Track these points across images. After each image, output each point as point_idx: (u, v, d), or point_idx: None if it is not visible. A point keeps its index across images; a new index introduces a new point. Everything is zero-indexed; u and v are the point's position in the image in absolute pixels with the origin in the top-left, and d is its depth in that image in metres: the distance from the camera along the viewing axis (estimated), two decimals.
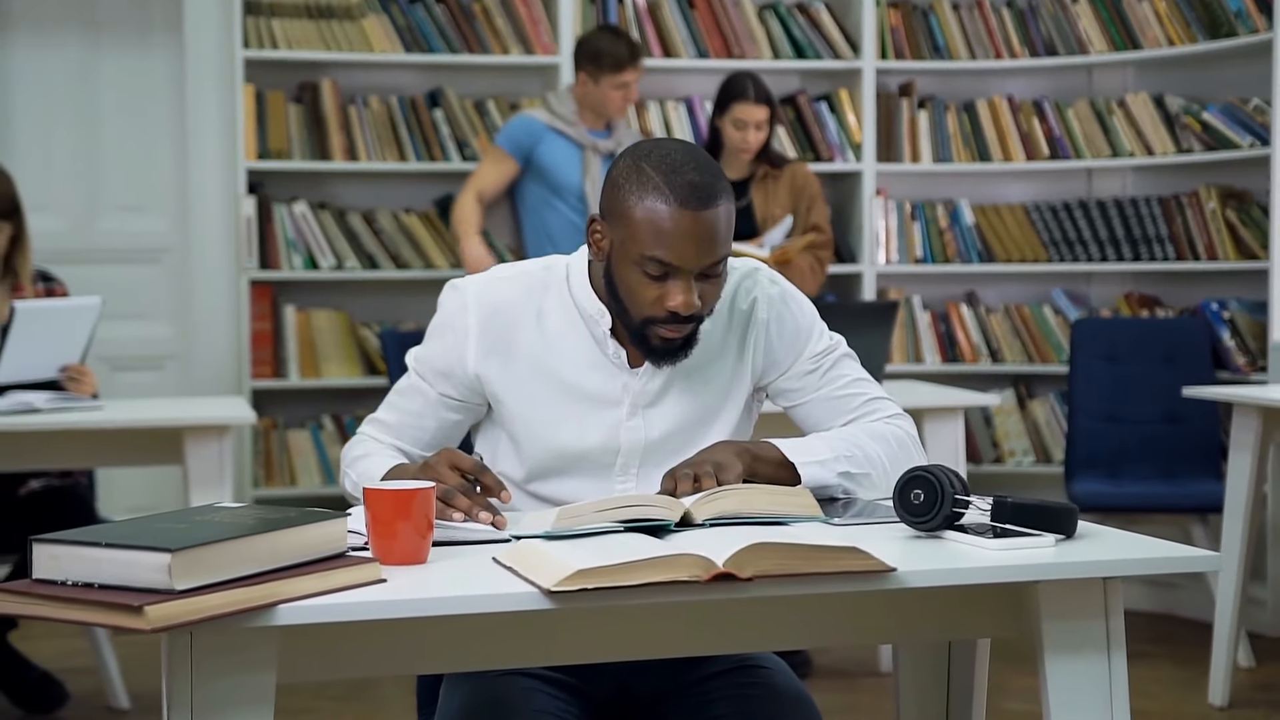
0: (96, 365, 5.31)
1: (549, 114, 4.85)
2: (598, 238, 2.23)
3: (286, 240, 5.20)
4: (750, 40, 5.50)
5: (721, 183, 2.16)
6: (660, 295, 2.16)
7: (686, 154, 2.16)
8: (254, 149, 5.15)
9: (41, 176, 5.33)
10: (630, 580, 1.69)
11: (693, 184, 2.12)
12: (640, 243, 2.14)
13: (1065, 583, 1.90)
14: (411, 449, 2.34)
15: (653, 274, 2.15)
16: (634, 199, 2.14)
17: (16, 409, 3.87)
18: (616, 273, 2.20)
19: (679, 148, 2.17)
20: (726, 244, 2.16)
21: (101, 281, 5.32)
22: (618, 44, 4.78)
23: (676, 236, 2.12)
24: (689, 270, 2.14)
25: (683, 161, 2.14)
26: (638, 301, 2.18)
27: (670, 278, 2.15)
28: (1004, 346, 5.68)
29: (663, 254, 2.13)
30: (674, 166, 2.13)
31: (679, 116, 5.50)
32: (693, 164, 2.14)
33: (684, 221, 2.12)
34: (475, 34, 5.29)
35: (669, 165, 2.13)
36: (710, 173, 2.15)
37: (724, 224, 2.15)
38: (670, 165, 2.13)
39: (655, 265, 2.14)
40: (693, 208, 2.12)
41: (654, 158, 2.15)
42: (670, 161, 2.14)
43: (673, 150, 2.16)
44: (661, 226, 2.12)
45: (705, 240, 2.13)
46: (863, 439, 2.30)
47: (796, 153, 5.53)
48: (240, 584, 1.59)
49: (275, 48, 5.16)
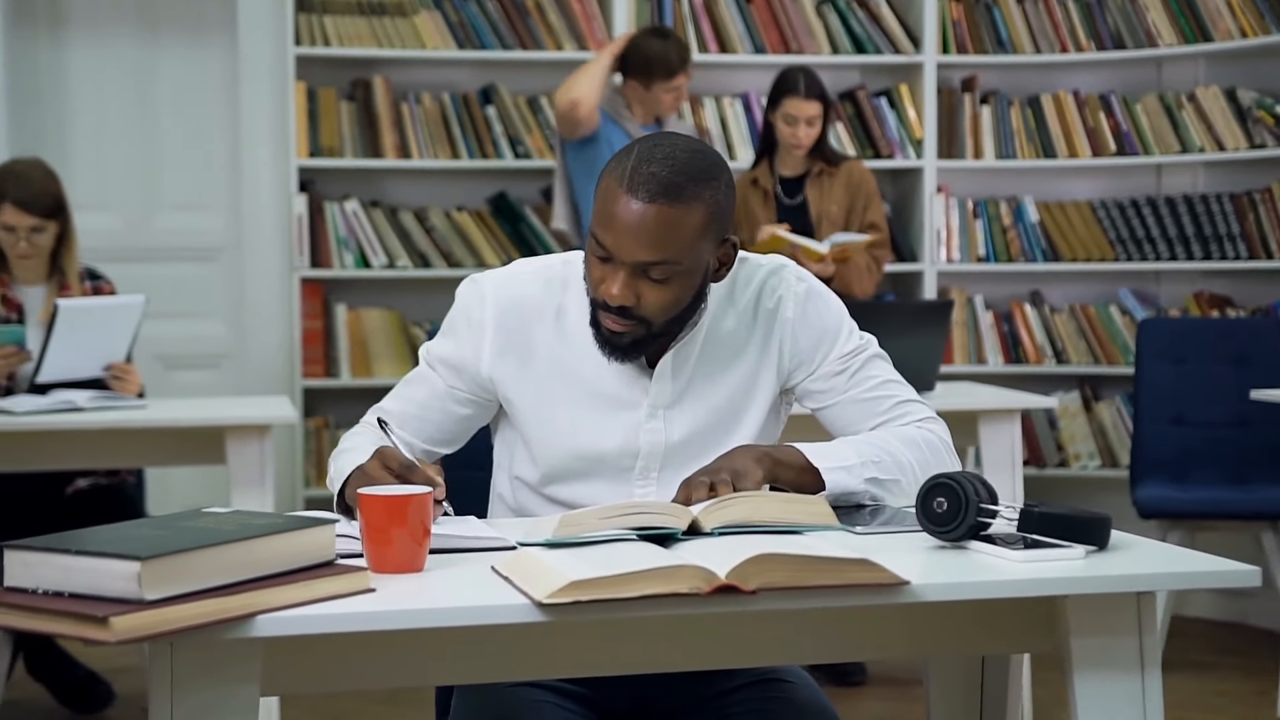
0: (151, 364, 5.32)
1: (610, 104, 4.78)
2: None
3: (338, 238, 5.17)
4: (808, 35, 5.41)
5: (696, 189, 2.06)
6: (600, 278, 2.10)
7: (679, 150, 2.08)
8: (305, 147, 5.12)
9: (98, 175, 5.34)
10: (626, 592, 1.61)
11: (654, 175, 2.04)
12: (595, 218, 2.10)
13: (1095, 597, 1.81)
14: (414, 440, 2.27)
15: (599, 255, 2.09)
16: (604, 177, 2.09)
17: (59, 407, 3.85)
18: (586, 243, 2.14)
19: (678, 144, 2.09)
20: (675, 247, 2.05)
21: (157, 280, 5.32)
22: (667, 50, 4.70)
23: (616, 221, 2.06)
24: (623, 260, 2.06)
25: (666, 154, 2.06)
26: (589, 278, 2.13)
27: (610, 264, 2.08)
28: (1069, 347, 5.55)
29: (600, 233, 2.08)
30: (653, 156, 2.06)
31: (735, 113, 5.41)
32: (675, 160, 2.06)
33: (626, 209, 2.05)
34: (528, 30, 5.23)
35: (650, 154, 2.06)
36: (687, 175, 2.05)
37: (674, 225, 2.05)
38: (650, 155, 2.06)
39: (598, 245, 2.08)
40: (640, 197, 2.04)
41: (648, 143, 2.09)
42: (656, 151, 2.07)
43: (668, 144, 2.09)
44: (608, 208, 2.07)
45: (641, 233, 2.05)
46: (892, 443, 2.21)
47: (855, 150, 5.42)
48: (216, 594, 1.53)
49: (327, 45, 5.12)
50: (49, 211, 4.11)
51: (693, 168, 2.07)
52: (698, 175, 2.07)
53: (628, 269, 2.06)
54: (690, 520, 1.85)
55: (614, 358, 2.16)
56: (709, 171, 2.09)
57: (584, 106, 4.60)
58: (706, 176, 2.08)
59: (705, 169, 2.09)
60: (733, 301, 2.25)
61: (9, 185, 4.09)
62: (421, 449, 2.27)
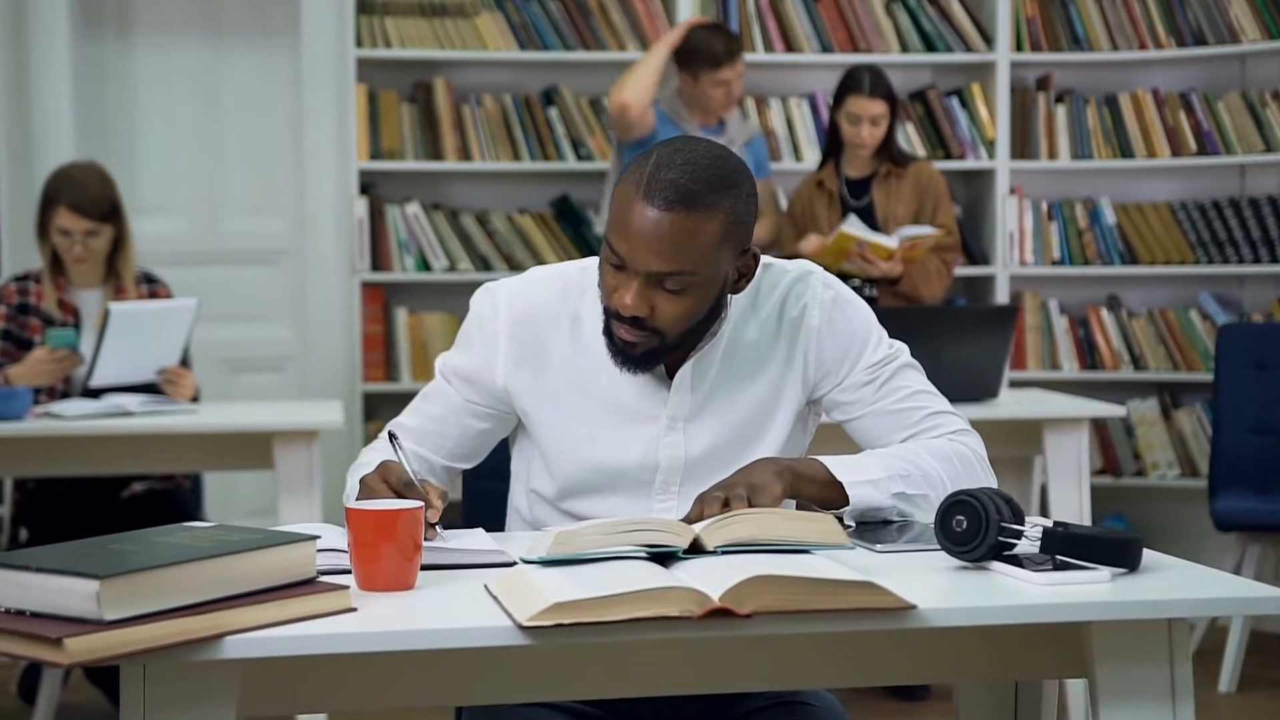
0: (216, 367, 5.32)
1: (665, 107, 4.70)
2: None
3: (399, 242, 5.13)
4: (877, 33, 5.30)
5: (715, 196, 1.98)
6: (614, 287, 2.03)
7: (699, 156, 2.00)
8: (366, 149, 5.09)
9: (164, 179, 5.35)
10: (612, 616, 1.53)
11: (672, 182, 1.96)
12: (610, 224, 2.02)
13: (1123, 624, 1.71)
14: (433, 456, 2.21)
15: (612, 263, 2.02)
16: (621, 183, 2.02)
17: (109, 412, 3.84)
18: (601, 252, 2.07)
19: (699, 150, 2.01)
20: (691, 258, 1.98)
21: (222, 283, 5.32)
22: (713, 41, 4.61)
23: (631, 229, 1.98)
24: (637, 270, 1.99)
25: (685, 160, 1.98)
26: (603, 287, 2.06)
27: (624, 272, 2.01)
28: (1147, 353, 5.39)
29: (614, 240, 2.01)
30: (671, 162, 1.98)
31: (801, 113, 5.31)
32: (693, 166, 1.98)
33: (642, 216, 1.97)
34: (591, 30, 5.16)
35: (669, 160, 1.99)
36: (706, 182, 1.98)
37: (690, 234, 1.97)
38: (669, 160, 1.99)
39: (612, 253, 2.01)
40: (655, 205, 1.96)
41: (668, 149, 2.01)
42: (675, 158, 1.99)
43: (688, 150, 2.01)
44: (622, 215, 1.99)
45: (655, 242, 1.97)
46: (922, 457, 2.12)
47: (926, 150, 5.30)
48: (182, 613, 1.47)
49: (389, 46, 5.09)
50: (104, 215, 4.10)
51: (712, 175, 1.99)
52: (717, 183, 1.99)
53: (642, 278, 1.99)
54: (692, 538, 1.77)
55: (627, 368, 2.09)
56: (729, 179, 2.01)
57: (633, 109, 4.52)
58: (726, 185, 2.00)
59: (725, 177, 2.01)
60: (756, 310, 2.16)
61: (64, 189, 4.10)
62: (441, 465, 2.21)
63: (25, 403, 3.78)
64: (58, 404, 3.88)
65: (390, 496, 1.91)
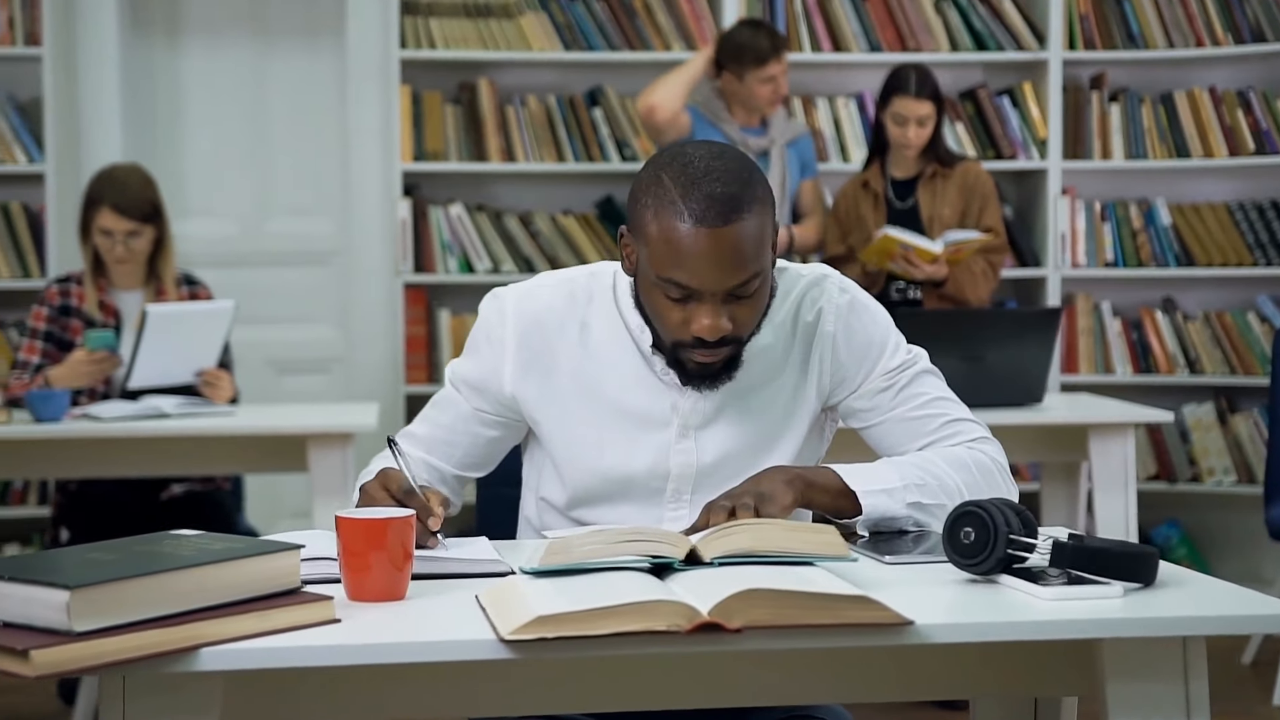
0: (263, 368, 5.33)
1: (703, 109, 4.65)
2: (628, 251, 2.04)
3: (442, 243, 5.12)
4: (926, 32, 5.22)
5: (751, 190, 1.94)
6: (685, 319, 1.97)
7: (711, 159, 1.95)
8: (410, 150, 5.07)
9: (212, 180, 5.36)
10: (597, 629, 1.49)
11: (711, 197, 1.91)
12: (659, 263, 1.95)
13: (1134, 641, 1.65)
14: (443, 465, 2.18)
15: (674, 297, 1.96)
16: (650, 214, 1.95)
17: (146, 413, 3.84)
18: (643, 292, 2.02)
19: (703, 153, 1.96)
20: (757, 258, 1.94)
21: (269, 285, 5.33)
22: (758, 37, 4.55)
23: (695, 258, 1.92)
24: (712, 292, 1.94)
25: (704, 170, 1.93)
26: (664, 325, 1.99)
27: (694, 300, 1.95)
28: (1203, 356, 5.28)
29: (682, 277, 1.93)
30: (694, 177, 1.93)
31: (849, 113, 5.25)
32: (716, 172, 1.93)
33: (702, 241, 1.91)
34: (636, 31, 5.13)
35: (688, 176, 1.93)
36: (737, 180, 1.93)
37: (751, 237, 1.93)
38: (690, 176, 1.93)
39: (675, 288, 1.95)
40: (710, 224, 1.91)
41: (675, 166, 1.95)
42: (690, 171, 1.93)
43: (696, 156, 1.95)
44: (678, 247, 1.92)
45: (728, 259, 1.92)
46: (939, 465, 2.06)
47: (976, 150, 5.23)
48: (157, 625, 1.45)
49: (433, 47, 5.07)
50: (145, 216, 4.11)
51: (734, 171, 1.95)
52: (742, 176, 1.95)
53: (718, 299, 1.94)
54: (689, 549, 1.73)
55: (704, 387, 2.05)
56: (746, 168, 1.98)
57: (661, 112, 4.48)
58: (748, 175, 1.97)
59: (742, 168, 1.97)
60: (770, 315, 2.11)
61: (107, 189, 4.11)
62: (452, 474, 2.18)
63: (63, 404, 3.79)
64: (96, 406, 3.88)
65: (390, 504, 1.88)
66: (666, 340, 2.02)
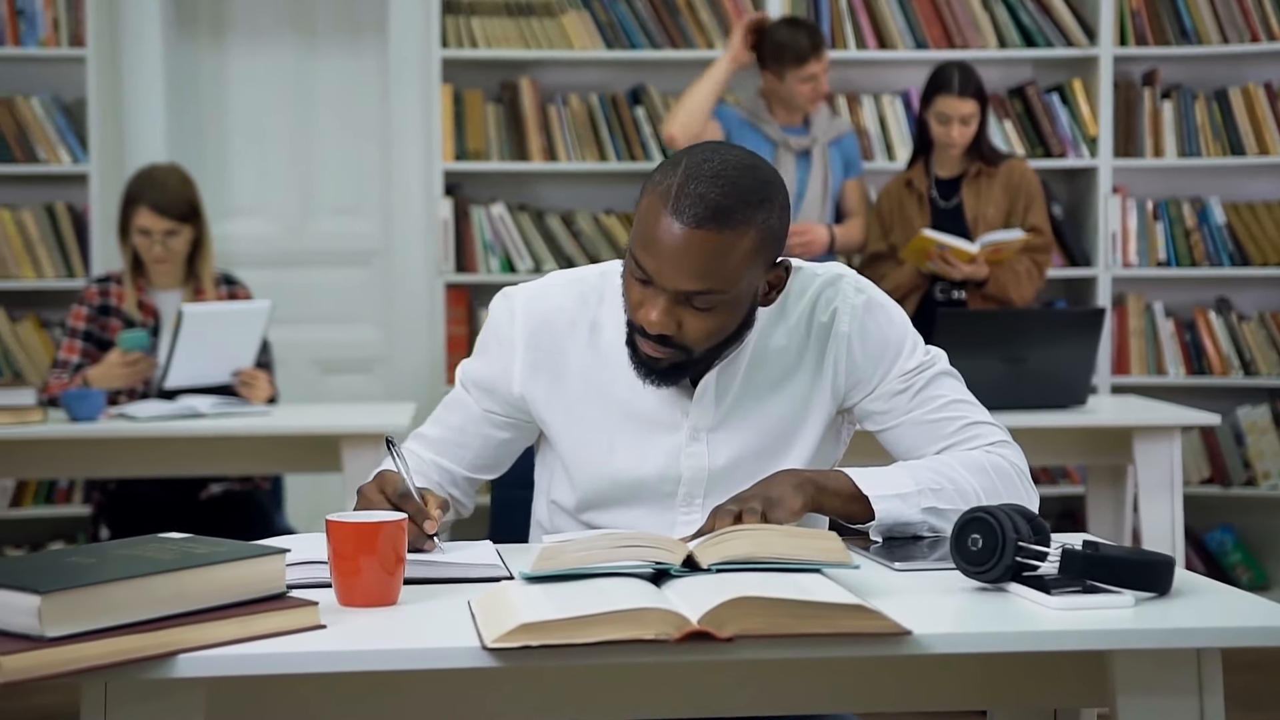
0: (308, 368, 5.33)
1: (743, 110, 4.60)
2: None
3: (484, 242, 5.09)
4: (973, 28, 5.15)
5: (745, 211, 1.89)
6: (640, 302, 1.94)
7: (729, 168, 1.90)
8: (451, 150, 5.05)
9: (256, 180, 5.36)
10: (582, 638, 1.46)
11: (701, 197, 1.87)
12: (635, 237, 1.93)
13: (1146, 653, 1.59)
14: (454, 467, 2.15)
15: (638, 277, 1.94)
16: (650, 188, 1.93)
17: (181, 413, 3.84)
18: (625, 260, 1.98)
19: (729, 159, 1.91)
20: (720, 274, 1.89)
21: (313, 285, 5.33)
22: (797, 36, 4.49)
23: (658, 244, 1.89)
24: (664, 287, 1.90)
25: (714, 173, 1.89)
26: (627, 300, 1.98)
27: (650, 287, 1.92)
28: (1259, 358, 5.18)
29: (641, 256, 1.92)
30: (701, 174, 1.88)
31: (894, 111, 5.18)
32: (724, 180, 1.88)
33: (670, 231, 1.88)
34: (679, 28, 5.08)
35: (699, 171, 1.89)
36: (737, 195, 1.88)
37: (719, 252, 1.88)
38: (699, 172, 1.89)
39: (638, 269, 1.92)
40: (684, 222, 1.87)
41: (696, 157, 1.92)
42: (704, 168, 1.89)
43: (715, 158, 1.91)
44: (652, 230, 1.90)
45: (684, 260, 1.88)
46: (955, 469, 2.01)
47: (1025, 148, 5.15)
48: (133, 630, 1.42)
49: (474, 46, 5.05)
50: (183, 215, 4.12)
51: (743, 188, 1.90)
52: (749, 197, 1.90)
53: (669, 295, 1.91)
54: (686, 554, 1.68)
55: (651, 382, 2.01)
56: (761, 192, 1.92)
57: (679, 141, 4.45)
58: (759, 198, 1.91)
59: (757, 189, 1.91)
60: (784, 315, 2.07)
61: (145, 189, 4.12)
62: (463, 476, 2.16)
63: (98, 404, 3.79)
64: (132, 405, 3.89)
65: (386, 507, 1.85)
66: (628, 316, 1.98)
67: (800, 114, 4.58)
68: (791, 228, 4.53)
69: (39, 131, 4.94)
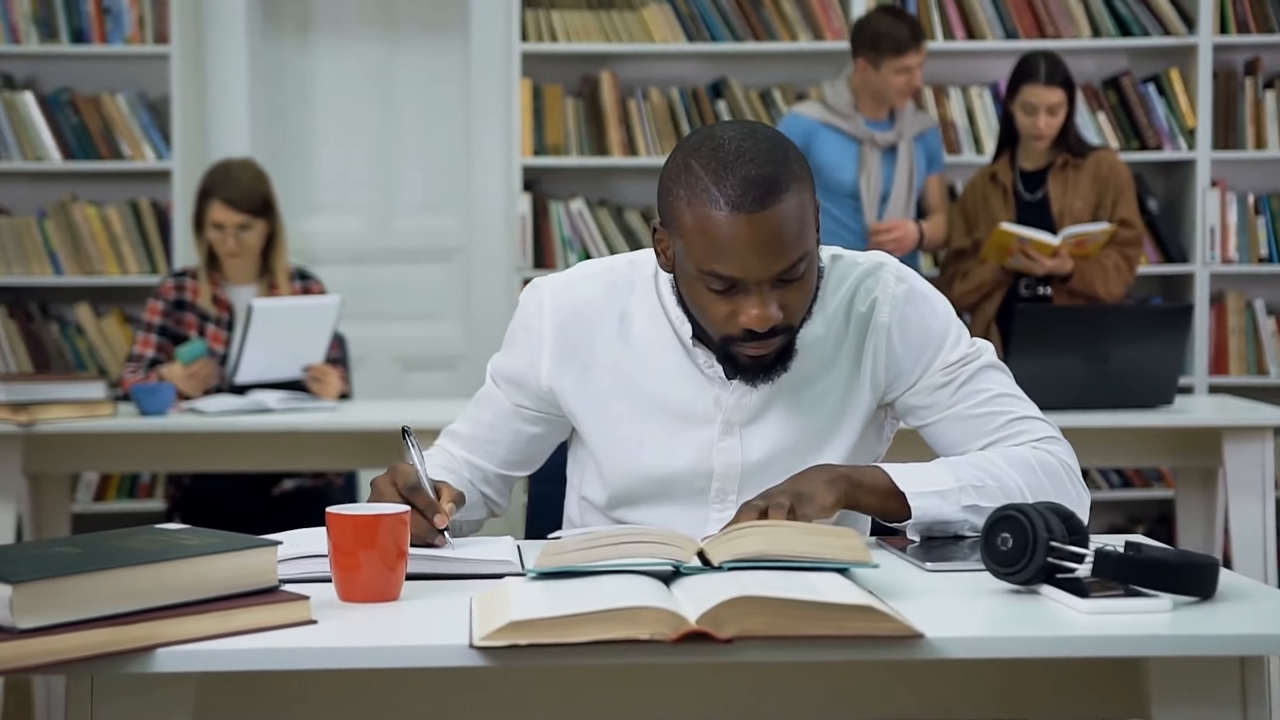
0: (390, 365, 5.32)
1: (822, 108, 4.49)
2: (662, 246, 1.93)
3: (562, 239, 5.05)
4: (1066, 18, 5.00)
5: (787, 169, 1.82)
6: (731, 311, 1.85)
7: (742, 140, 1.83)
8: (530, 145, 5.01)
9: (339, 176, 5.36)
10: (574, 637, 1.39)
11: (746, 180, 1.79)
12: (697, 256, 1.83)
13: (1184, 661, 1.50)
14: (486, 465, 2.10)
15: (717, 289, 1.84)
16: (684, 204, 1.83)
17: (249, 408, 3.84)
18: (683, 287, 1.90)
19: (733, 134, 1.84)
20: (800, 240, 1.82)
21: (396, 281, 5.32)
22: (898, 25, 4.38)
23: (734, 247, 1.80)
24: (757, 281, 1.82)
25: (736, 152, 1.81)
26: (710, 320, 1.88)
27: (739, 291, 1.83)
28: None
29: (723, 268, 1.82)
30: (725, 160, 1.81)
31: (983, 103, 5.05)
32: (749, 153, 1.81)
33: (740, 228, 1.79)
34: (761, 20, 5.00)
35: (719, 160, 1.81)
36: (771, 160, 1.81)
37: (792, 218, 1.81)
38: (721, 159, 1.81)
39: (718, 280, 1.83)
40: (748, 210, 1.79)
41: (704, 151, 1.84)
42: (721, 154, 1.82)
43: (726, 139, 1.84)
44: (716, 237, 1.80)
45: (771, 245, 1.80)
46: (999, 466, 1.92)
47: (1119, 141, 5.00)
48: (110, 623, 1.38)
49: (554, 40, 5.00)
50: (256, 209, 4.11)
51: (767, 148, 1.83)
52: (777, 154, 1.84)
53: (765, 287, 1.83)
54: (697, 551, 1.61)
55: (760, 381, 1.93)
56: (777, 141, 1.86)
57: None
58: (782, 150, 1.85)
59: (775, 141, 1.85)
60: (822, 305, 1.99)
61: (218, 183, 4.12)
62: (495, 473, 2.10)
63: (167, 398, 3.79)
64: (202, 400, 3.89)
65: (397, 500, 1.80)
66: (715, 336, 1.91)
67: (887, 108, 4.47)
68: (882, 224, 4.47)
69: (124, 128, 4.97)
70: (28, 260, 4.96)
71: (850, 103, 4.46)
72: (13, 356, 4.95)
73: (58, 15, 4.94)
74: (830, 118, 4.45)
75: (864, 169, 4.43)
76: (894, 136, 4.46)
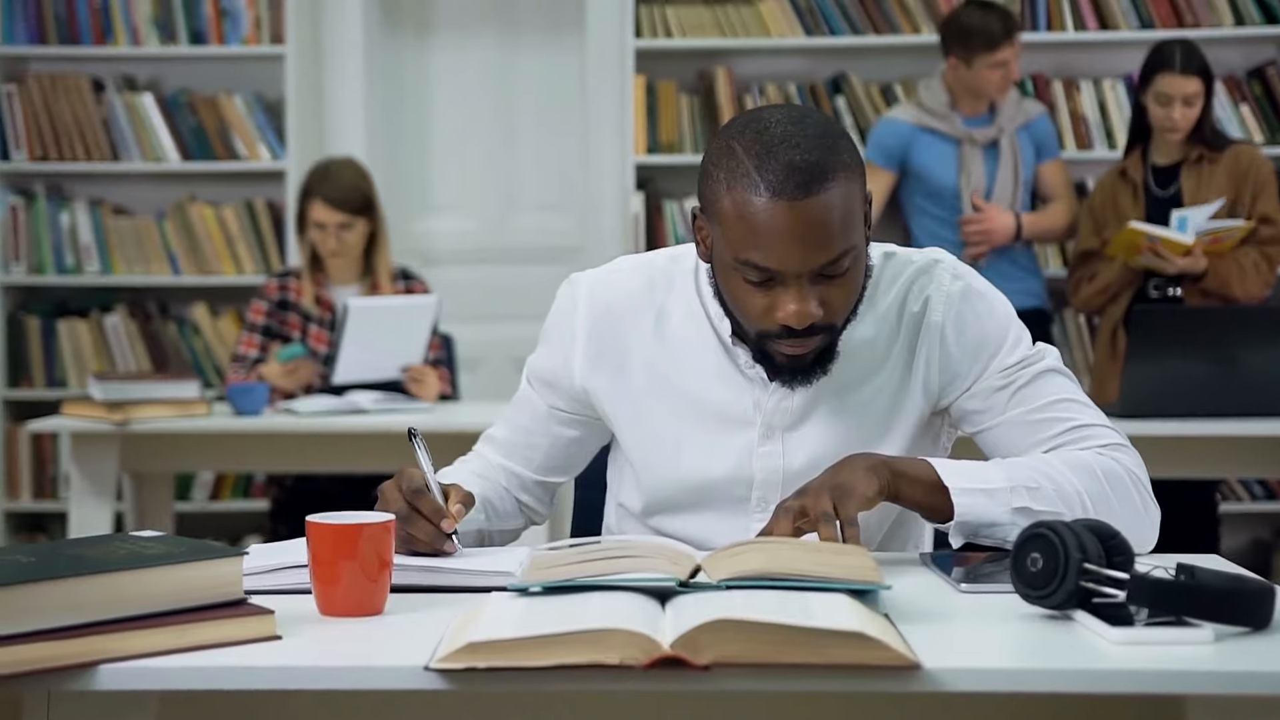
0: (505, 366, 5.27)
1: (917, 110, 4.32)
2: (702, 233, 1.82)
3: (676, 238, 4.94)
4: (1206, 5, 4.76)
5: (835, 157, 1.70)
6: (769, 305, 1.73)
7: (789, 124, 1.71)
8: (643, 143, 4.91)
9: (457, 176, 5.32)
10: (535, 661, 1.29)
11: (790, 166, 1.67)
12: (735, 244, 1.72)
13: (1227, 699, 1.34)
14: (524, 471, 2.00)
15: (754, 281, 1.72)
16: (723, 189, 1.72)
17: (343, 409, 3.80)
18: (720, 278, 1.79)
19: (781, 117, 1.72)
20: (845, 233, 1.70)
21: (513, 282, 5.27)
22: (989, 19, 4.20)
23: (774, 235, 1.68)
24: (797, 274, 1.69)
25: (782, 136, 1.69)
26: (745, 313, 1.76)
27: (776, 284, 1.71)
28: None
29: (759, 258, 1.70)
30: (769, 144, 1.69)
31: (1116, 96, 4.83)
32: (795, 138, 1.69)
33: (780, 216, 1.68)
34: (882, 13, 4.84)
35: (764, 143, 1.69)
36: (818, 146, 1.69)
37: (838, 209, 1.69)
38: (765, 143, 1.69)
39: (755, 271, 1.71)
40: (789, 197, 1.67)
41: (748, 134, 1.72)
42: (766, 138, 1.70)
43: (773, 122, 1.72)
44: (754, 224, 1.69)
45: (813, 236, 1.68)
46: (1057, 468, 1.77)
47: (1263, 135, 4.74)
48: (55, 636, 1.31)
49: (669, 36, 4.90)
50: (357, 209, 4.08)
51: (815, 134, 1.72)
52: (824, 141, 1.72)
53: (805, 280, 1.71)
54: (693, 568, 1.49)
55: (798, 383, 1.81)
56: (828, 127, 1.74)
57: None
58: (831, 135, 1.73)
59: (825, 127, 1.74)
60: (873, 304, 1.86)
61: (320, 182, 4.11)
62: (533, 479, 2.01)
63: (262, 398, 3.77)
64: (298, 400, 3.86)
65: (404, 506, 1.71)
66: (750, 331, 1.79)
67: (986, 103, 4.29)
68: (968, 215, 4.30)
69: (240, 129, 4.98)
70: (147, 260, 5.00)
71: (946, 102, 4.29)
72: (133, 356, 4.99)
73: (176, 17, 4.97)
74: (926, 119, 4.28)
75: (963, 169, 4.26)
76: (994, 132, 4.28)
